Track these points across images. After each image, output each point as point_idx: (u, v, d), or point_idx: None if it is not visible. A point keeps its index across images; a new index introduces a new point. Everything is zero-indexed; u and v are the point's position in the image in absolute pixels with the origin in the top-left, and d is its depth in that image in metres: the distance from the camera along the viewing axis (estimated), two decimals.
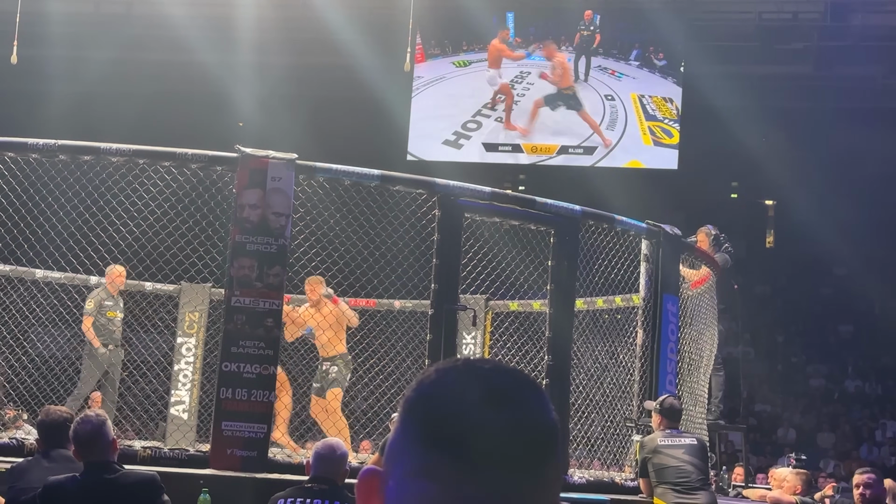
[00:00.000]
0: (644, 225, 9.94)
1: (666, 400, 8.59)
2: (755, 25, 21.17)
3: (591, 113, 21.02)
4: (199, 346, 11.90)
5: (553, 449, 1.21)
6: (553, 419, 1.22)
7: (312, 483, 5.66)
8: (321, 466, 5.67)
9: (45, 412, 6.09)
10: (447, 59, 21.53)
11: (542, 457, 1.20)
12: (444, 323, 8.50)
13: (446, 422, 1.18)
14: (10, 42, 14.31)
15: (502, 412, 1.18)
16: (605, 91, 21.22)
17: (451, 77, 21.46)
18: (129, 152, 8.30)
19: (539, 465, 1.19)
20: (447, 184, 8.82)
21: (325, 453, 5.70)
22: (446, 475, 1.16)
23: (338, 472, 5.70)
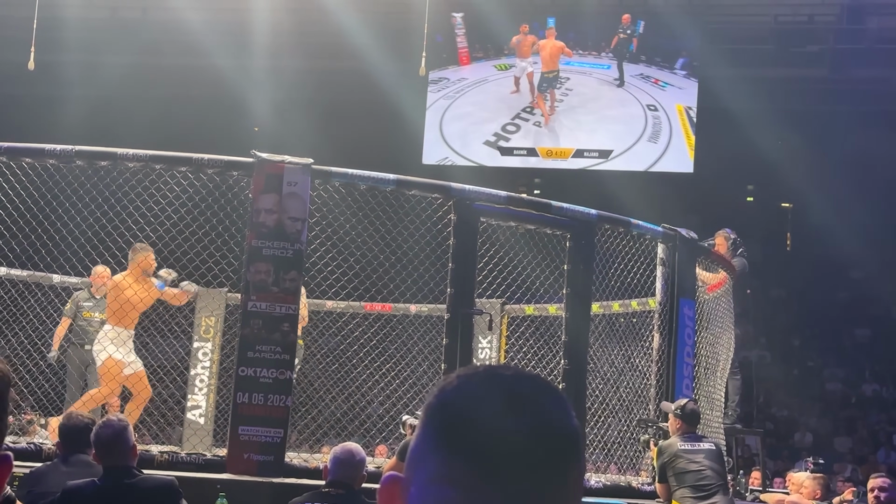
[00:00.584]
0: (660, 229, 9.93)
1: (686, 405, 8.56)
2: (770, 28, 21.13)
3: (629, 121, 20.85)
4: (216, 351, 11.92)
5: (574, 455, 1.21)
6: (574, 425, 1.23)
7: (330, 488, 5.64)
8: (339, 471, 5.64)
9: (67, 416, 6.10)
10: (490, 62, 21.52)
11: (564, 462, 1.20)
12: (460, 327, 8.50)
13: (468, 428, 1.19)
14: (28, 48, 14.37)
15: (524, 418, 1.19)
16: (648, 101, 20.99)
17: (493, 80, 21.47)
18: (146, 158, 8.33)
19: (561, 470, 1.20)
20: (463, 188, 8.82)
21: (345, 458, 5.67)
22: (468, 481, 1.16)
23: (356, 477, 5.69)
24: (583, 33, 21.24)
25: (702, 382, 10.29)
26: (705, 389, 10.43)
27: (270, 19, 19.85)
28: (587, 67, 21.25)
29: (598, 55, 21.18)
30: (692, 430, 8.46)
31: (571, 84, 21.22)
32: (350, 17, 19.86)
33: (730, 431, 11.51)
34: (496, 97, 21.39)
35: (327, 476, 5.72)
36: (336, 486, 5.61)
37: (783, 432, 21.94)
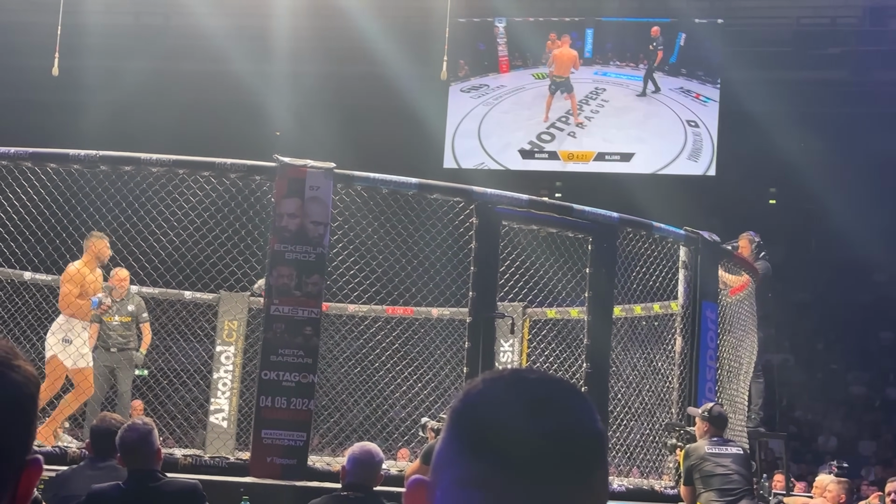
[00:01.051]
0: (682, 231, 9.90)
1: (714, 408, 8.54)
2: (792, 30, 21.05)
3: (667, 136, 20.72)
4: (239, 355, 11.96)
5: (599, 457, 1.21)
6: (599, 428, 1.23)
7: (348, 491, 5.57)
8: (359, 472, 5.56)
9: (101, 418, 6.11)
10: (528, 70, 21.53)
11: (589, 465, 1.20)
12: (482, 331, 8.50)
13: (493, 431, 1.19)
14: (52, 54, 14.46)
15: (549, 421, 1.19)
16: (688, 116, 20.79)
17: (531, 87, 21.47)
18: (169, 162, 8.38)
19: (586, 473, 1.20)
20: (484, 192, 8.82)
21: (364, 458, 5.60)
22: (494, 484, 1.16)
23: (374, 478, 5.63)
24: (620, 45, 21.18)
25: (724, 386, 10.26)
26: (728, 393, 10.40)
27: (291, 24, 19.91)
28: (623, 79, 21.17)
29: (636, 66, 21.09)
30: (720, 433, 8.43)
31: (607, 95, 21.12)
32: (370, 22, 19.90)
33: (753, 435, 11.47)
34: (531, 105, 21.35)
35: (345, 477, 5.64)
36: (355, 489, 5.52)
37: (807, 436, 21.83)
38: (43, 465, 1.34)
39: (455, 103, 21.40)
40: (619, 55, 21.17)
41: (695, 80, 20.82)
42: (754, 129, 19.91)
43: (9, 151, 8.42)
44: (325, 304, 9.78)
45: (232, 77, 20.42)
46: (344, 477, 5.65)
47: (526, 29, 20.93)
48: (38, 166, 8.62)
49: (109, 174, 8.82)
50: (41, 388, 6.73)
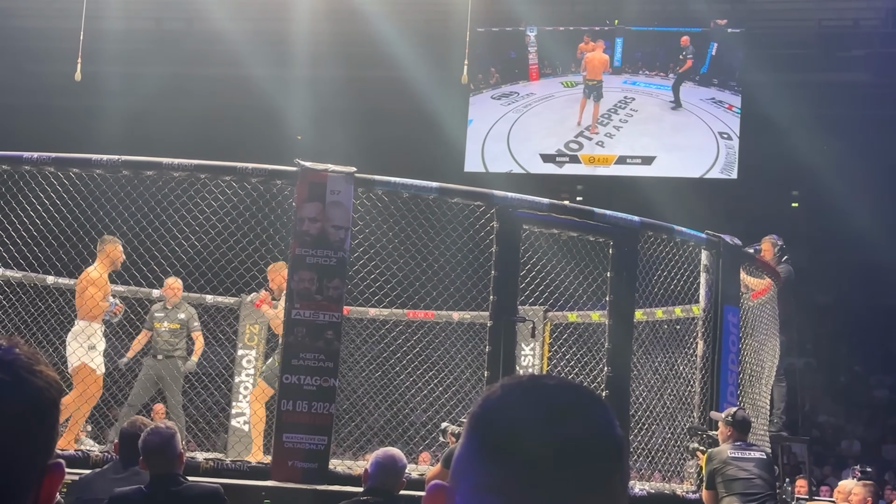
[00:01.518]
0: (703, 235, 9.88)
1: (737, 413, 8.51)
2: (815, 33, 20.95)
3: (699, 148, 20.55)
4: (260, 359, 11.99)
5: (619, 464, 1.21)
6: (618, 434, 1.23)
7: (369, 495, 5.54)
8: (381, 476, 5.53)
9: (131, 422, 6.11)
10: (557, 78, 21.49)
11: (608, 471, 1.20)
12: (503, 334, 8.49)
13: (512, 437, 1.19)
14: (75, 59, 14.54)
15: (568, 427, 1.19)
16: (720, 128, 20.56)
17: (559, 96, 21.41)
18: (191, 167, 8.40)
19: (604, 479, 1.20)
20: (505, 196, 8.82)
21: (387, 463, 5.58)
22: (513, 490, 1.17)
23: (396, 484, 5.60)
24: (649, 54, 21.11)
25: (746, 390, 10.22)
26: (750, 397, 10.36)
27: (311, 29, 19.95)
28: (652, 88, 21.07)
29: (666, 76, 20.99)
30: (743, 437, 8.40)
31: (637, 105, 21.02)
32: (390, 26, 19.92)
33: (775, 439, 11.42)
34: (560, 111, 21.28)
35: (367, 481, 5.60)
36: (375, 494, 5.50)
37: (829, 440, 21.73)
38: (65, 470, 1.34)
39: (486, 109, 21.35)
40: (648, 64, 21.09)
41: (727, 91, 20.67)
42: (776, 132, 19.83)
43: (32, 156, 8.47)
44: (346, 307, 9.78)
45: (253, 82, 20.48)
46: (366, 480, 5.61)
47: (556, 38, 20.91)
48: (61, 171, 8.67)
49: (131, 179, 8.85)
50: (72, 399, 6.71)
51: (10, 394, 1.27)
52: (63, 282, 11.46)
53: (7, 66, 21.71)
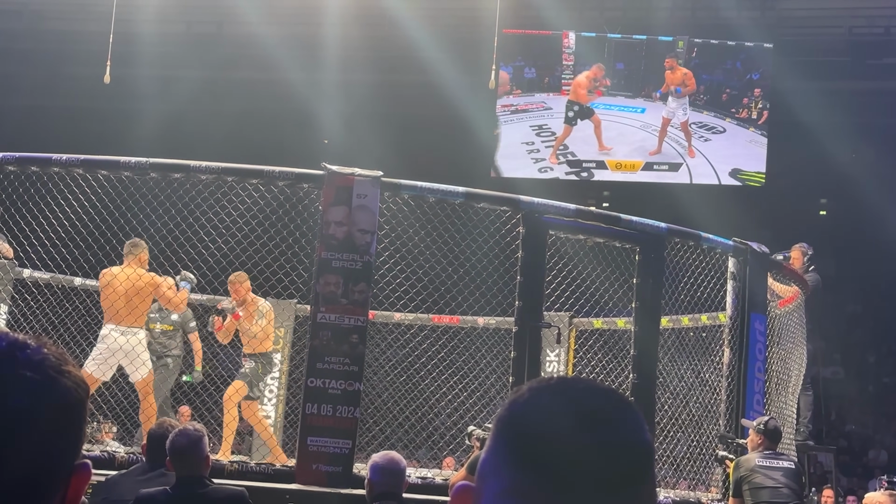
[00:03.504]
0: (731, 242, 9.84)
1: (769, 422, 8.47)
2: (845, 41, 20.83)
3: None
4: (285, 362, 12.02)
5: (647, 470, 1.20)
6: (647, 440, 1.21)
7: (379, 501, 5.34)
8: (388, 480, 5.28)
9: (159, 423, 6.13)
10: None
11: (636, 478, 1.18)
12: (528, 340, 8.49)
13: (539, 442, 1.18)
14: (104, 62, 14.63)
15: (595, 433, 1.18)
16: (748, 137, 20.26)
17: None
18: (218, 170, 8.45)
19: (632, 486, 1.18)
20: (532, 201, 8.81)
21: (391, 466, 5.38)
22: (539, 496, 1.16)
23: (401, 485, 5.45)
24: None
25: (773, 398, 10.16)
26: (777, 405, 10.30)
27: (341, 33, 20.01)
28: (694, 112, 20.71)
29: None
30: (773, 447, 8.35)
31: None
32: (419, 31, 19.94)
33: (802, 448, 11.36)
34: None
35: (373, 489, 5.32)
36: (387, 499, 5.39)
37: (857, 449, 21.58)
38: (91, 470, 1.35)
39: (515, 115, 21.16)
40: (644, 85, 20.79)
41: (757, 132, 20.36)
42: (806, 140, 19.72)
43: (61, 158, 8.54)
44: (372, 312, 9.81)
45: (282, 85, 20.54)
46: (371, 489, 5.35)
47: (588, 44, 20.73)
48: (90, 173, 8.73)
49: (159, 181, 8.91)
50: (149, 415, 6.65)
51: (40, 393, 1.28)
52: (91, 283, 11.53)
53: (39, 68, 21.88)
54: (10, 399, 1.25)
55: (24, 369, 1.28)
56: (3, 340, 1.30)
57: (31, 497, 1.26)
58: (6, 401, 1.25)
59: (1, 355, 1.28)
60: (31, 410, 1.26)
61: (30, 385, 1.27)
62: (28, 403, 1.26)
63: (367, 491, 5.42)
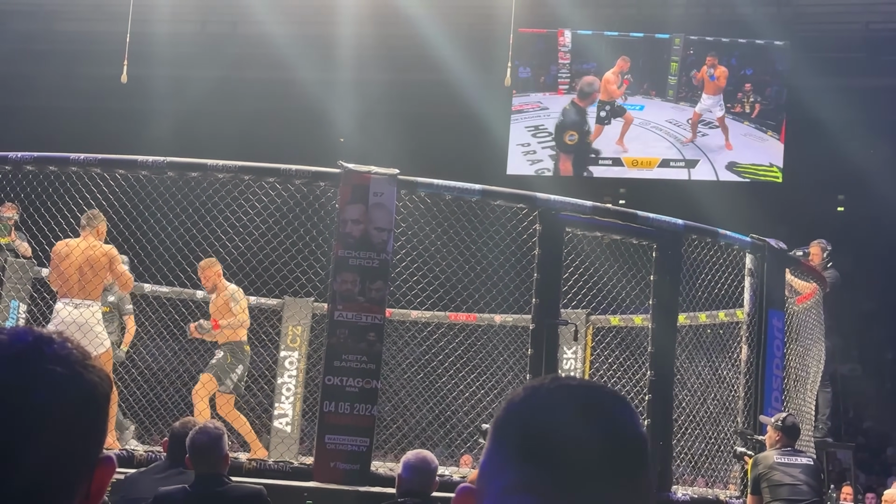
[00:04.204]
0: (748, 239, 9.81)
1: (787, 419, 8.44)
2: (861, 36, 20.75)
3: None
4: (302, 360, 12.04)
5: (644, 460, 1.24)
6: (643, 432, 1.26)
7: (404, 498, 5.54)
8: (416, 479, 5.52)
9: (183, 423, 6.12)
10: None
11: (636, 468, 1.23)
12: (545, 338, 8.48)
13: (540, 436, 1.21)
14: (121, 62, 14.68)
15: (594, 425, 1.22)
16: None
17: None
18: (235, 168, 8.46)
19: (634, 475, 1.22)
20: (548, 198, 8.80)
21: (420, 465, 5.56)
22: (543, 488, 1.18)
23: (430, 485, 5.59)
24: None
25: (791, 395, 10.13)
26: (795, 402, 10.27)
27: (355, 32, 20.02)
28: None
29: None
30: (791, 444, 8.33)
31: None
32: (434, 29, 19.94)
33: (820, 445, 11.32)
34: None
35: (401, 485, 5.59)
36: (412, 496, 5.51)
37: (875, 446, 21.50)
38: (115, 464, 1.37)
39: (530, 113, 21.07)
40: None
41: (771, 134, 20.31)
42: (822, 136, 19.65)
43: (79, 157, 8.56)
44: (389, 310, 9.82)
45: (297, 84, 20.57)
46: (400, 485, 5.63)
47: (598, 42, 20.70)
48: (107, 172, 8.75)
49: (176, 180, 8.93)
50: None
51: (68, 387, 1.30)
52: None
53: (55, 69, 21.95)
54: (40, 393, 1.27)
55: (52, 364, 1.29)
56: (28, 335, 1.32)
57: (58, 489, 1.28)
58: (36, 395, 1.27)
59: (28, 350, 1.30)
60: (60, 404, 1.28)
61: (58, 379, 1.29)
62: (56, 397, 1.28)
63: (396, 486, 5.66)
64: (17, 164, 8.73)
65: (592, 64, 20.60)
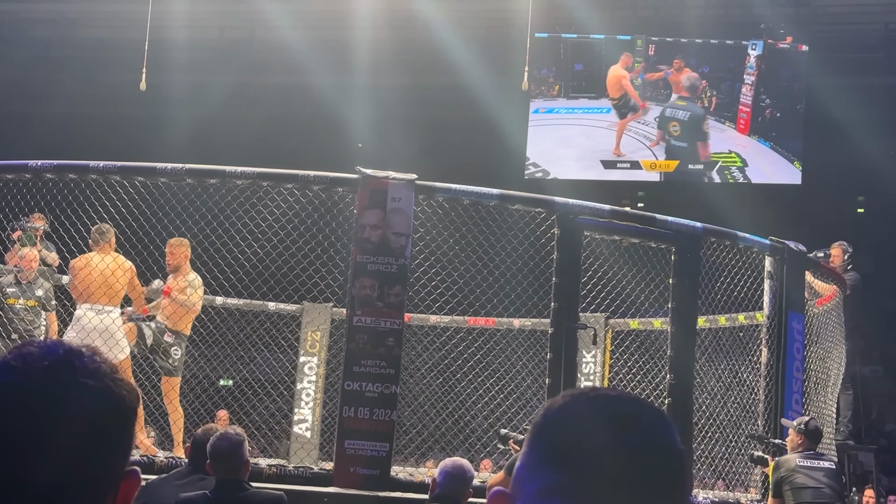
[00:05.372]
0: (767, 241, 9.78)
1: (810, 422, 8.41)
2: (881, 36, 20.67)
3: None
4: (321, 365, 12.06)
5: (680, 476, 1.23)
6: (680, 447, 1.25)
7: (437, 502, 5.60)
8: (450, 485, 5.56)
9: (205, 430, 6.11)
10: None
11: (670, 483, 1.21)
12: (565, 342, 8.47)
13: (576, 445, 1.21)
14: (139, 69, 14.74)
15: (630, 436, 1.21)
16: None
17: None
18: (254, 175, 8.49)
19: (667, 490, 1.21)
20: (566, 202, 8.80)
21: (456, 472, 5.61)
22: (576, 495, 1.18)
23: (463, 493, 5.64)
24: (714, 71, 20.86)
25: (812, 398, 10.09)
26: (815, 405, 10.22)
27: (372, 37, 20.05)
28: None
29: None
30: (813, 447, 8.29)
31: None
32: (450, 33, 19.96)
33: (842, 448, 11.26)
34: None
35: (434, 489, 5.64)
36: (444, 501, 5.56)
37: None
38: (141, 477, 1.38)
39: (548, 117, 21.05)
40: (714, 85, 20.77)
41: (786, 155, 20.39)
42: (841, 137, 19.56)
43: (98, 165, 8.60)
44: (408, 314, 9.82)
45: (314, 90, 20.62)
46: (434, 489, 5.66)
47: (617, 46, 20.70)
48: (126, 179, 8.79)
49: (195, 187, 8.96)
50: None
51: (98, 400, 1.32)
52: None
53: (75, 76, 22.07)
54: (72, 406, 1.29)
55: (83, 377, 1.31)
56: (59, 348, 1.33)
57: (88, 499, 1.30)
58: (69, 408, 1.29)
59: (60, 363, 1.31)
60: (91, 417, 1.30)
61: (89, 392, 1.30)
62: (87, 410, 1.30)
63: (430, 490, 5.71)
64: (37, 171, 8.78)
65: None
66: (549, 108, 20.97)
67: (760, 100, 20.37)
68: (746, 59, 20.31)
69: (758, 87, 20.35)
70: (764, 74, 20.30)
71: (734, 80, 20.46)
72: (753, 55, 20.26)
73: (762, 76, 20.30)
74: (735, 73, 20.44)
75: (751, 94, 20.40)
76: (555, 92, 21.05)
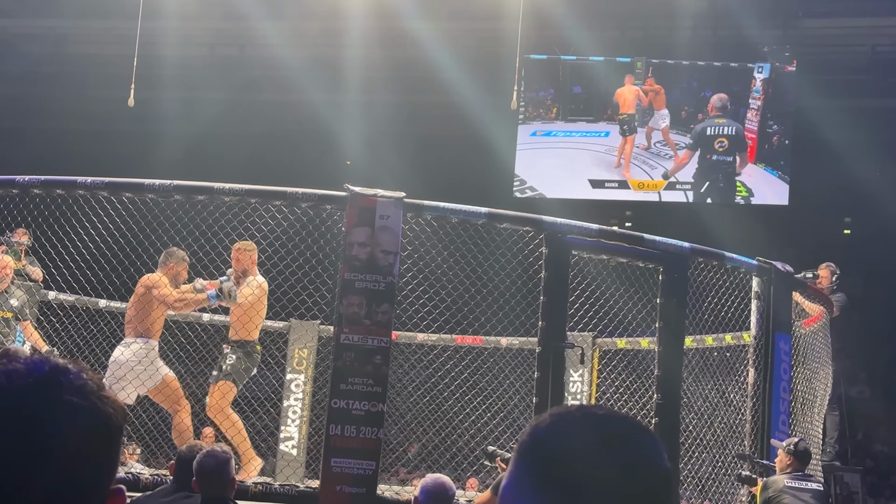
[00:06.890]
0: (754, 262, 9.80)
1: (800, 443, 8.43)
2: (868, 58, 20.78)
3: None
4: (308, 383, 12.02)
5: (668, 495, 1.22)
6: (666, 465, 1.24)
7: None
8: (432, 502, 5.57)
9: (189, 447, 6.07)
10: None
11: (656, 500, 1.21)
12: (552, 361, 8.46)
13: (562, 464, 1.20)
14: (128, 85, 14.74)
15: (619, 457, 1.20)
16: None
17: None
18: (242, 192, 8.48)
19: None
20: (554, 221, 8.81)
21: (438, 491, 5.56)
22: None
23: None
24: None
25: (798, 419, 10.10)
26: (802, 426, 10.23)
27: (363, 55, 20.10)
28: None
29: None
30: (802, 468, 8.30)
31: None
32: (441, 52, 20.01)
33: (828, 469, 11.27)
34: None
35: None
36: None
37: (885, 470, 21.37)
38: (126, 495, 1.37)
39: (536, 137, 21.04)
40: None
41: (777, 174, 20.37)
42: (829, 158, 19.65)
43: (86, 181, 8.59)
44: (395, 332, 9.80)
45: (304, 107, 20.65)
46: None
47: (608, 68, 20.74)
48: (114, 195, 8.78)
49: (183, 203, 8.95)
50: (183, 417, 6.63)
51: (84, 418, 1.31)
52: (115, 305, 11.59)
53: (65, 91, 22.06)
54: (56, 422, 1.28)
55: (69, 394, 1.30)
56: (44, 365, 1.32)
57: None
58: (52, 424, 1.27)
59: (45, 380, 1.30)
60: (76, 435, 1.29)
61: (74, 409, 1.29)
62: (72, 427, 1.29)
63: None
64: (24, 187, 8.76)
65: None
66: (546, 130, 20.96)
67: (767, 126, 20.26)
68: (752, 83, 20.22)
69: (764, 112, 20.22)
70: (771, 99, 20.21)
71: (739, 104, 20.30)
72: (759, 78, 20.15)
73: (769, 101, 20.20)
74: (740, 97, 20.29)
75: (756, 119, 20.24)
76: (553, 115, 21.03)
